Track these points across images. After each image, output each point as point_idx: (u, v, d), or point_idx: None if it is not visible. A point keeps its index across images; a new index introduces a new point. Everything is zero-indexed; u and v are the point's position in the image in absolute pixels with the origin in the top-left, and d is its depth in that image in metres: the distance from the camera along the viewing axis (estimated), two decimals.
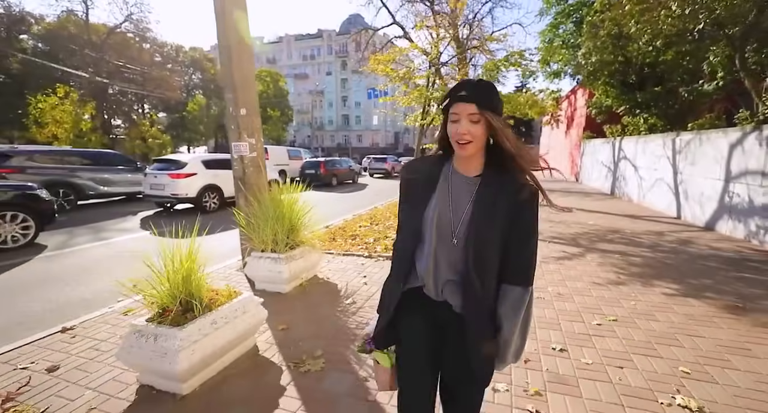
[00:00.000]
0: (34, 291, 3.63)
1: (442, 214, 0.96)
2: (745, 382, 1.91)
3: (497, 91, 0.91)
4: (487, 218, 0.91)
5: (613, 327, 2.57)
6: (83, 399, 1.91)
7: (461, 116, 0.88)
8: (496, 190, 0.92)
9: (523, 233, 0.92)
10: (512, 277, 0.94)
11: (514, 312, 0.94)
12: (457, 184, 0.97)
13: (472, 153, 0.92)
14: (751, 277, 3.45)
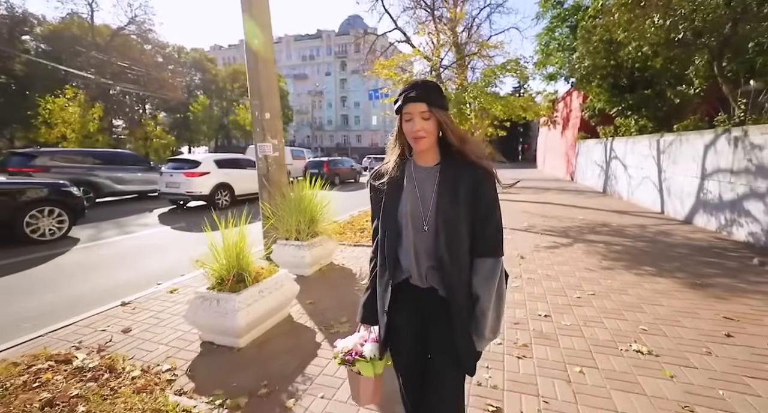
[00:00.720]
0: (82, 276, 4.09)
1: (413, 205, 1.04)
2: (689, 335, 2.40)
3: (441, 90, 1.02)
4: (450, 200, 0.99)
5: (591, 299, 3.05)
6: (159, 351, 2.38)
7: (414, 114, 0.97)
8: (455, 174, 1.01)
9: (484, 210, 1.00)
10: (482, 251, 1.01)
11: (487, 281, 0.99)
12: (420, 176, 1.06)
13: (427, 147, 1.01)
14: (713, 261, 3.94)
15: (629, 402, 1.77)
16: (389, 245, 1.07)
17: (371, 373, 1.09)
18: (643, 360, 2.13)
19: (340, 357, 1.12)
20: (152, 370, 2.13)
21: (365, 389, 1.12)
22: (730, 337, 2.35)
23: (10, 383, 1.94)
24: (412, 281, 1.07)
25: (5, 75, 29.46)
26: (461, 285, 1.00)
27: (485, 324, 1.00)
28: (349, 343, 1.14)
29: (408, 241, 1.04)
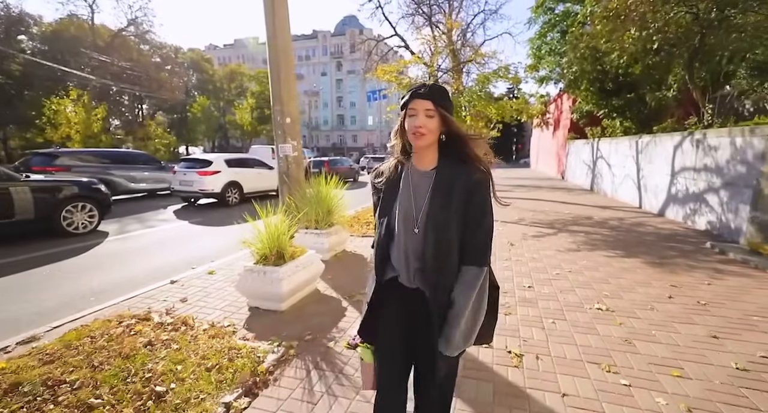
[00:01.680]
0: (123, 262, 4.62)
1: (406, 207, 1.06)
2: (640, 298, 3.01)
3: (448, 94, 1.04)
4: (442, 205, 1.00)
5: (567, 275, 3.66)
6: (215, 313, 2.93)
7: (418, 111, 0.98)
8: (451, 178, 1.01)
9: (476, 215, 1.00)
10: (468, 258, 1.01)
11: (467, 289, 0.99)
12: (416, 179, 1.07)
13: (425, 145, 1.01)
14: (674, 245, 4.58)
15: (586, 339, 2.38)
16: (382, 243, 1.11)
17: (370, 359, 1.14)
18: (601, 314, 2.74)
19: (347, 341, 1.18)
20: (217, 325, 2.69)
21: (366, 374, 1.17)
22: (671, 298, 2.98)
23: (112, 332, 2.49)
24: (401, 280, 1.10)
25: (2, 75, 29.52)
26: (446, 289, 1.02)
27: (457, 330, 0.99)
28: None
29: (399, 241, 1.08)
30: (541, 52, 18.53)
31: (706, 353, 2.18)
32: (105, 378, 1.97)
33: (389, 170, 1.13)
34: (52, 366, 2.09)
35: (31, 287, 3.71)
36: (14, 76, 29.11)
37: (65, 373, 2.02)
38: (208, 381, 1.98)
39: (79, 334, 2.48)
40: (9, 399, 1.81)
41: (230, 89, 42.44)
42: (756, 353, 2.15)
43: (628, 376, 1.97)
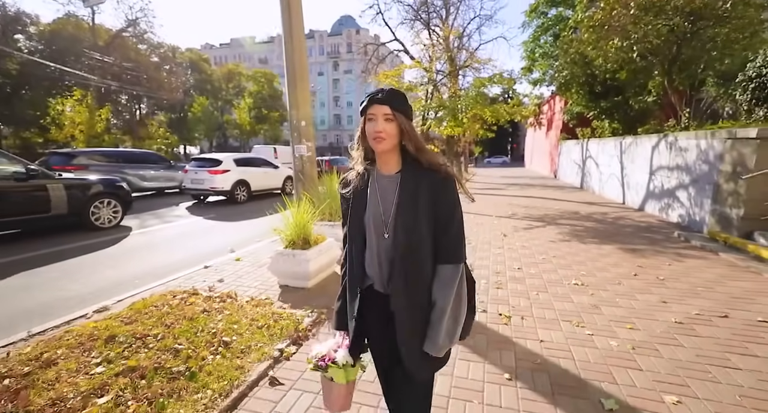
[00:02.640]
0: (152, 252, 5.11)
1: (375, 213, 1.06)
2: (611, 276, 3.57)
3: (407, 99, 1.04)
4: (410, 207, 1.00)
5: (551, 259, 4.21)
6: (251, 291, 3.44)
7: (377, 115, 0.98)
8: (416, 181, 1.01)
9: (445, 215, 1.00)
10: (443, 256, 1.02)
11: (445, 287, 1.00)
12: (382, 184, 1.07)
13: (386, 149, 1.01)
14: (647, 235, 5.17)
15: (563, 305, 2.93)
16: (356, 252, 1.11)
17: (343, 380, 1.10)
18: (577, 288, 3.30)
19: (314, 363, 1.13)
20: (256, 298, 3.20)
21: (337, 395, 1.14)
22: (635, 275, 3.55)
23: (170, 303, 2.99)
24: (376, 287, 1.11)
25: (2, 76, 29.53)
26: (420, 292, 1.02)
27: (440, 329, 0.99)
28: (323, 349, 1.15)
29: (371, 248, 1.08)
30: (534, 55, 19.17)
31: (655, 313, 2.74)
32: (179, 333, 2.48)
33: (356, 179, 1.12)
34: (133, 326, 2.59)
35: (81, 272, 4.19)
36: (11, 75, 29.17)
37: (146, 330, 2.52)
38: (261, 335, 2.50)
39: (144, 304, 2.98)
40: (110, 345, 2.32)
41: (228, 89, 42.62)
42: (692, 312, 2.72)
43: (592, 329, 2.52)
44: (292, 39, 4.97)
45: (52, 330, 2.64)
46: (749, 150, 4.20)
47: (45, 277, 3.99)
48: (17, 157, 5.50)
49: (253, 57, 66.11)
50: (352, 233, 1.12)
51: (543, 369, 2.08)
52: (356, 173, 1.13)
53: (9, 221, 5.21)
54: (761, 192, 4.09)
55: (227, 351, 2.28)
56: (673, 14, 6.38)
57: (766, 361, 2.09)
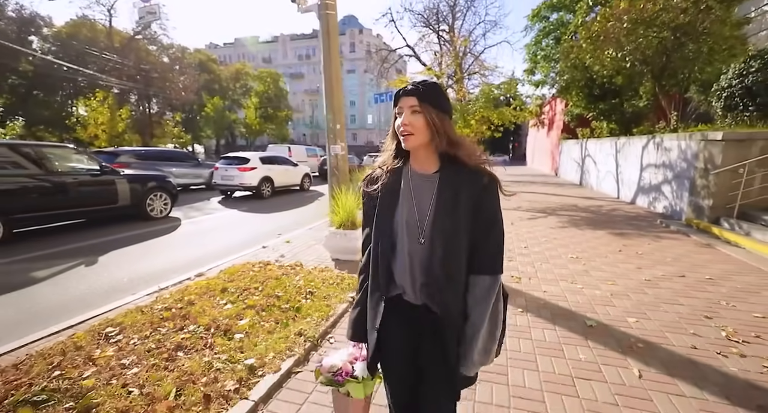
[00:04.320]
0: (208, 237, 5.95)
1: (409, 216, 0.98)
2: (601, 252, 4.41)
3: (441, 91, 0.97)
4: (449, 212, 0.93)
5: (552, 240, 5.05)
6: (310, 263, 4.27)
7: (404, 108, 0.93)
8: (456, 183, 0.94)
9: (486, 222, 0.94)
10: (479, 267, 0.94)
11: (482, 300, 0.93)
12: (417, 183, 0.99)
13: (415, 145, 0.94)
14: (635, 223, 6.01)
15: (560, 271, 3.76)
16: (383, 256, 1.01)
17: (362, 395, 1.04)
18: (572, 260, 4.13)
19: (328, 378, 1.06)
20: (318, 267, 4.04)
21: (355, 411, 1.08)
22: (620, 251, 4.39)
23: (253, 269, 3.84)
24: (405, 297, 1.02)
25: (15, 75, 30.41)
26: (457, 303, 0.95)
27: (475, 347, 0.93)
28: (337, 361, 1.08)
29: (403, 253, 0.99)
30: (536, 58, 19.92)
31: (631, 275, 3.57)
32: (273, 287, 3.32)
33: (385, 176, 1.03)
34: (235, 283, 3.44)
35: (160, 251, 5.05)
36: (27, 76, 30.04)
37: (246, 285, 3.37)
38: (335, 288, 3.34)
39: (233, 270, 3.83)
40: (226, 294, 3.16)
41: (235, 89, 43.39)
42: (658, 274, 3.56)
43: (582, 284, 3.36)
44: (330, 56, 5.80)
45: (174, 285, 3.49)
46: (717, 150, 5.02)
47: (134, 254, 4.84)
48: (94, 156, 6.35)
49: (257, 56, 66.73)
50: (380, 236, 1.01)
51: (546, 307, 2.92)
52: (386, 169, 1.04)
53: (87, 210, 6.06)
54: (726, 185, 4.91)
55: (314, 298, 3.13)
56: (661, 29, 7.18)
57: (702, 301, 2.93)
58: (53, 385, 1.90)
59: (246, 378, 2.01)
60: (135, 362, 2.16)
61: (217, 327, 2.57)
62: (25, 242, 5.15)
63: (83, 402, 1.77)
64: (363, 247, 1.11)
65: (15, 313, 3.06)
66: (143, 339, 2.43)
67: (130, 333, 2.50)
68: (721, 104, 5.91)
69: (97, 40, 28.06)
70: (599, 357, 2.19)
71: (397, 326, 1.04)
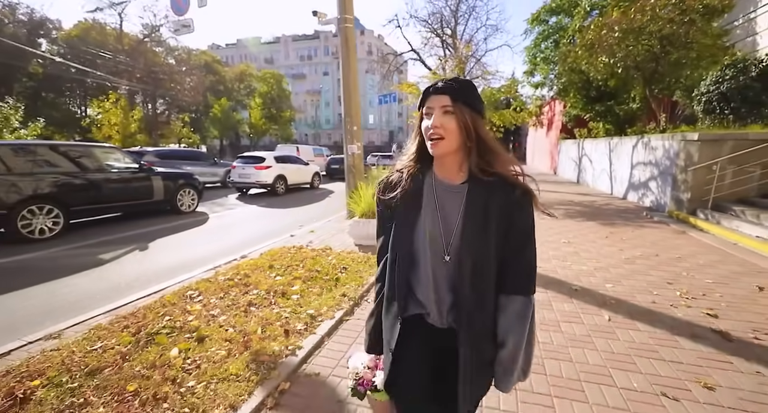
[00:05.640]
0: (236, 229, 6.59)
1: (433, 230, 0.89)
2: (590, 238, 5.04)
3: (476, 89, 0.87)
4: (479, 228, 0.85)
5: (548, 230, 5.67)
6: (336, 247, 4.90)
7: (434, 108, 0.83)
8: (486, 196, 0.86)
9: (519, 240, 0.87)
10: (512, 286, 0.88)
11: (517, 323, 0.87)
12: (443, 195, 0.90)
13: (444, 152, 0.85)
14: (623, 215, 6.64)
15: (554, 252, 4.39)
16: (400, 272, 0.93)
17: (385, 398, 1.04)
18: (564, 245, 4.76)
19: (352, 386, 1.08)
20: (345, 250, 4.66)
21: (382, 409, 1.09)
22: (607, 238, 5.02)
23: (290, 252, 4.47)
24: (430, 320, 0.94)
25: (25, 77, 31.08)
26: (486, 324, 0.89)
27: (515, 370, 0.89)
28: (359, 366, 1.09)
29: (425, 271, 0.91)
30: (536, 60, 20.56)
31: (614, 255, 4.21)
32: (311, 264, 3.96)
33: (405, 182, 0.92)
34: (278, 261, 4.08)
35: (196, 241, 5.69)
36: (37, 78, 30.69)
37: (288, 263, 4.01)
38: (364, 265, 3.98)
39: (273, 252, 4.47)
40: (272, 269, 3.80)
41: (239, 90, 44.01)
42: (636, 254, 4.20)
43: (571, 262, 3.99)
44: (348, 64, 6.44)
45: (225, 264, 4.12)
46: (694, 149, 5.65)
47: (177, 242, 5.49)
48: (135, 156, 6.99)
49: (259, 57, 67.26)
50: (398, 250, 0.94)
51: (540, 277, 3.54)
52: (406, 175, 0.94)
53: (128, 204, 6.70)
54: (702, 180, 5.54)
55: (348, 272, 3.76)
56: (649, 38, 7.80)
57: (668, 273, 3.57)
58: (170, 324, 2.54)
59: (310, 321, 2.65)
60: (220, 313, 2.80)
61: (275, 292, 3.20)
62: (79, 232, 5.80)
63: (197, 334, 2.41)
64: (378, 256, 1.05)
65: (103, 284, 3.70)
66: (219, 299, 3.07)
67: (207, 295, 3.13)
68: (701, 107, 6.53)
69: (106, 43, 28.73)
70: (579, 309, 2.82)
71: (416, 348, 0.95)
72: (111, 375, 1.98)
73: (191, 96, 30.38)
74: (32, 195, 5.18)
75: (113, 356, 2.16)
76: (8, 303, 3.20)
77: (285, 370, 2.06)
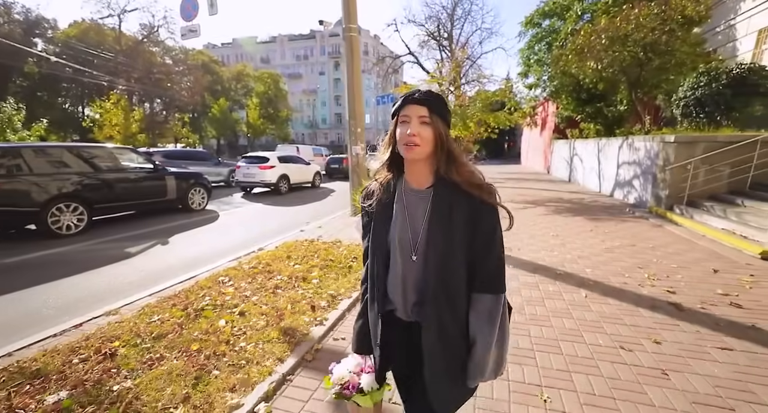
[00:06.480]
0: (247, 225, 7.00)
1: (402, 232, 0.97)
2: (576, 231, 5.53)
3: (447, 104, 0.95)
4: (443, 230, 0.91)
5: (538, 224, 6.16)
6: (346, 241, 5.34)
7: (411, 117, 0.89)
8: (450, 199, 0.92)
9: (484, 239, 0.92)
10: (480, 285, 0.93)
11: (487, 321, 0.91)
12: (411, 199, 0.97)
13: (419, 157, 0.92)
14: (608, 210, 7.16)
15: (543, 243, 4.87)
16: (377, 272, 1.02)
17: (371, 403, 1.06)
18: (552, 237, 5.24)
19: (336, 391, 1.07)
20: (353, 243, 5.10)
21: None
22: (591, 231, 5.51)
23: (303, 245, 4.90)
24: (398, 314, 1.03)
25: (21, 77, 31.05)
26: (454, 323, 0.93)
27: (486, 364, 0.93)
28: (344, 372, 1.09)
29: (396, 270, 1.00)
30: (530, 62, 21.11)
31: (595, 245, 4.70)
32: (325, 255, 4.39)
33: (380, 190, 1.02)
34: (294, 252, 4.51)
35: (211, 236, 6.09)
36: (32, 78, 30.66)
37: (304, 254, 4.44)
38: None
39: (287, 245, 4.89)
40: (290, 259, 4.23)
41: (237, 89, 44.14)
42: (615, 243, 4.69)
43: (558, 252, 4.46)
44: (352, 69, 6.88)
45: (245, 255, 4.54)
46: (671, 150, 6.17)
47: (194, 237, 5.89)
48: (148, 156, 7.37)
49: (255, 57, 67.22)
50: (374, 252, 1.03)
51: (529, 264, 4.02)
52: (380, 184, 1.03)
53: (144, 202, 7.08)
54: (678, 179, 6.06)
55: (359, 262, 4.20)
56: (633, 45, 8.32)
57: (641, 259, 4.06)
58: (212, 303, 2.97)
59: (331, 300, 3.09)
60: (252, 294, 3.23)
61: (297, 277, 3.64)
62: (101, 229, 6.17)
63: (238, 310, 2.84)
64: (363, 259, 1.12)
65: (137, 273, 4.10)
66: (248, 283, 3.50)
67: (237, 281, 3.56)
68: (680, 111, 7.05)
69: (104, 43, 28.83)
70: (561, 289, 3.30)
71: (394, 342, 1.05)
72: (174, 338, 2.41)
73: (189, 96, 30.55)
74: (59, 194, 5.55)
75: (171, 326, 2.58)
76: (58, 289, 3.60)
77: (316, 335, 2.50)
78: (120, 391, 1.86)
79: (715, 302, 2.88)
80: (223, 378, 2.00)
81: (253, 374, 2.04)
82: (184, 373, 2.03)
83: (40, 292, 3.50)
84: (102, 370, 2.04)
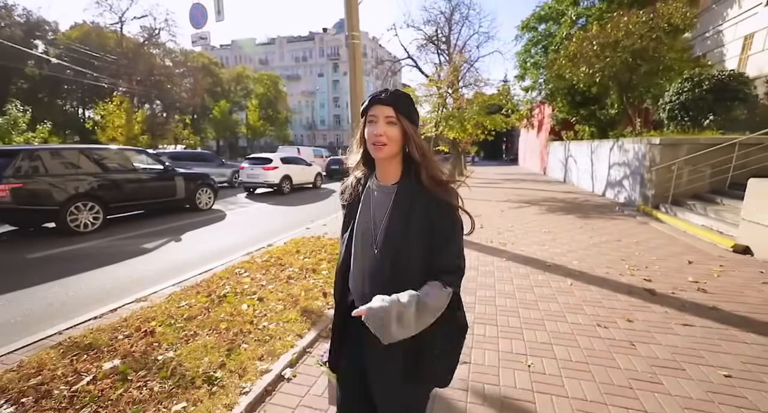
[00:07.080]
0: (254, 223, 7.30)
1: (365, 226, 0.99)
2: (566, 228, 5.86)
3: (413, 102, 0.96)
4: (401, 225, 0.93)
5: (532, 222, 6.49)
6: None
7: (378, 117, 0.91)
8: (413, 196, 0.94)
9: (442, 237, 0.93)
10: (433, 276, 0.93)
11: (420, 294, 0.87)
12: (377, 195, 1.00)
13: (386, 156, 0.94)
14: (599, 209, 7.50)
15: (536, 238, 5.20)
16: (341, 264, 1.06)
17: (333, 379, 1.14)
18: (545, 233, 5.57)
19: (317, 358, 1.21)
20: None
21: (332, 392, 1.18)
22: (581, 228, 5.85)
23: (311, 240, 5.21)
24: (356, 304, 1.03)
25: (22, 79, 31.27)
26: None
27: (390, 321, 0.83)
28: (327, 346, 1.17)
29: (357, 262, 1.02)
30: (526, 65, 21.54)
31: (583, 240, 5.03)
32: (333, 250, 4.70)
33: (352, 186, 1.06)
34: (304, 247, 4.81)
35: (221, 234, 6.39)
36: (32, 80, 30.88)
37: (313, 248, 4.75)
38: None
39: (295, 241, 5.20)
40: (300, 253, 4.54)
41: (236, 91, 44.41)
42: (603, 239, 5.03)
43: (549, 246, 4.79)
44: (355, 74, 7.20)
45: (255, 251, 4.84)
46: (657, 151, 6.52)
47: (204, 235, 6.19)
48: (159, 157, 7.68)
49: (254, 58, 67.51)
50: (343, 243, 1.06)
51: (521, 257, 4.35)
52: (353, 179, 1.07)
53: (155, 202, 7.37)
54: (663, 179, 6.41)
55: None
56: (623, 51, 8.69)
57: (624, 253, 4.39)
58: (232, 290, 3.28)
59: None
60: (267, 283, 3.54)
61: (307, 269, 3.95)
62: (115, 227, 6.46)
63: (257, 296, 3.15)
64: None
65: (156, 266, 4.40)
66: (262, 274, 3.80)
67: (252, 272, 3.87)
68: (666, 115, 7.41)
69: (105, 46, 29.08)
70: (549, 278, 3.62)
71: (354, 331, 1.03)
72: (203, 319, 2.71)
73: (189, 97, 30.82)
74: (77, 194, 5.84)
75: (199, 309, 2.89)
76: (86, 280, 3.89)
77: (330, 316, 2.81)
78: (164, 360, 2.17)
79: (685, 289, 3.22)
80: (251, 349, 2.31)
81: (278, 347, 2.35)
82: (217, 346, 2.34)
83: (72, 282, 3.80)
84: (146, 344, 2.34)
